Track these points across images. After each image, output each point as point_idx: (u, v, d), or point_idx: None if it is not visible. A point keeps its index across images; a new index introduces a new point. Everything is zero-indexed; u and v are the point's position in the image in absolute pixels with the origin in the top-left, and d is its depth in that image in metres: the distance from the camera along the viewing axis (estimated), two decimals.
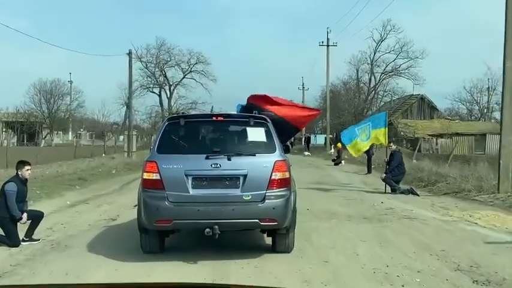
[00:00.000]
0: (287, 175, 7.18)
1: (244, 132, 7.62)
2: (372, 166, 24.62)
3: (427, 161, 27.16)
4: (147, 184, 7.09)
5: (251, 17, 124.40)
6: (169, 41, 63.12)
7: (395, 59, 51.55)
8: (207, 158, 7.04)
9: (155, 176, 6.99)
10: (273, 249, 7.61)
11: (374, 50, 52.28)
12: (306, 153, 44.04)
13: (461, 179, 16.34)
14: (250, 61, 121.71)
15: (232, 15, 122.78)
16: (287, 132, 9.54)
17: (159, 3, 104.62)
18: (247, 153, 7.23)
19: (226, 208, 6.90)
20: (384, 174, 15.50)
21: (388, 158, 15.79)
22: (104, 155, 36.61)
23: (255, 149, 7.36)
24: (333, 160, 31.30)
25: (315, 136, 75.05)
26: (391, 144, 15.77)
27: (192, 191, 6.95)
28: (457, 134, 48.83)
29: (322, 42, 48.17)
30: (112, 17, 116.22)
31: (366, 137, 15.60)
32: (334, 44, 48.09)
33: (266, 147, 7.35)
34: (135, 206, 7.87)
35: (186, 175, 6.96)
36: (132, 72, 31.86)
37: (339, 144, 32.44)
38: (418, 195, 14.88)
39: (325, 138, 71.03)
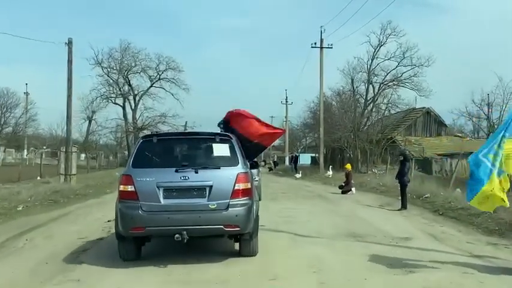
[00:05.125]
0: (249, 186, 7.91)
1: (210, 147, 8.22)
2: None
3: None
4: (123, 195, 7.77)
5: (228, 34, 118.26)
6: (134, 45, 54.54)
7: (396, 67, 43.90)
8: (176, 171, 7.75)
9: (130, 188, 7.68)
10: (239, 253, 8.34)
11: (371, 56, 44.64)
12: (297, 175, 35.99)
13: None
14: (228, 73, 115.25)
15: (209, 33, 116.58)
16: (254, 149, 10.19)
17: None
18: (212, 167, 7.92)
19: (193, 216, 7.57)
20: None
21: None
22: (39, 178, 28.17)
23: (220, 162, 8.00)
24: (340, 187, 23.41)
25: (299, 155, 67.11)
26: None
27: (163, 201, 7.64)
28: (472, 154, 41.53)
29: (315, 43, 40.44)
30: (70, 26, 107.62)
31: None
32: (330, 46, 40.40)
33: (230, 161, 8.01)
34: None
35: (157, 187, 7.65)
36: (72, 69, 23.71)
37: (348, 166, 24.63)
38: None
39: (311, 157, 63.85)
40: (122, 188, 7.79)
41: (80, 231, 11.49)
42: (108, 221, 12.92)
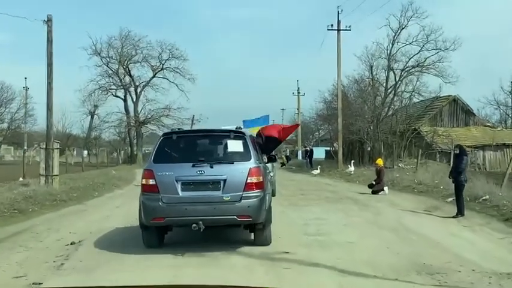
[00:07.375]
0: (261, 179, 8.41)
1: (225, 144, 8.84)
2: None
3: None
4: (145, 188, 8.42)
5: (237, 25, 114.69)
6: (135, 33, 50.42)
7: (419, 52, 39.79)
8: (193, 166, 8.29)
9: (152, 182, 8.29)
10: (254, 242, 8.80)
11: (392, 40, 40.57)
12: (315, 171, 32.06)
13: None
14: (237, 65, 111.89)
15: (217, 24, 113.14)
16: (270, 144, 11.61)
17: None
18: (226, 162, 8.51)
19: (209, 207, 8.14)
20: None
21: None
22: (21, 179, 24.62)
23: (234, 157, 8.59)
24: (371, 186, 19.69)
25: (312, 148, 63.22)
26: None
27: (181, 193, 8.23)
28: (504, 145, 37.75)
29: (332, 25, 36.54)
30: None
31: None
32: (347, 28, 36.54)
33: (243, 156, 8.54)
34: None
35: (176, 180, 8.23)
36: (52, 51, 20.07)
37: (380, 161, 20.86)
38: None
39: (325, 150, 59.94)
40: (144, 181, 8.41)
41: (22, 263, 7.95)
42: (72, 244, 9.34)
